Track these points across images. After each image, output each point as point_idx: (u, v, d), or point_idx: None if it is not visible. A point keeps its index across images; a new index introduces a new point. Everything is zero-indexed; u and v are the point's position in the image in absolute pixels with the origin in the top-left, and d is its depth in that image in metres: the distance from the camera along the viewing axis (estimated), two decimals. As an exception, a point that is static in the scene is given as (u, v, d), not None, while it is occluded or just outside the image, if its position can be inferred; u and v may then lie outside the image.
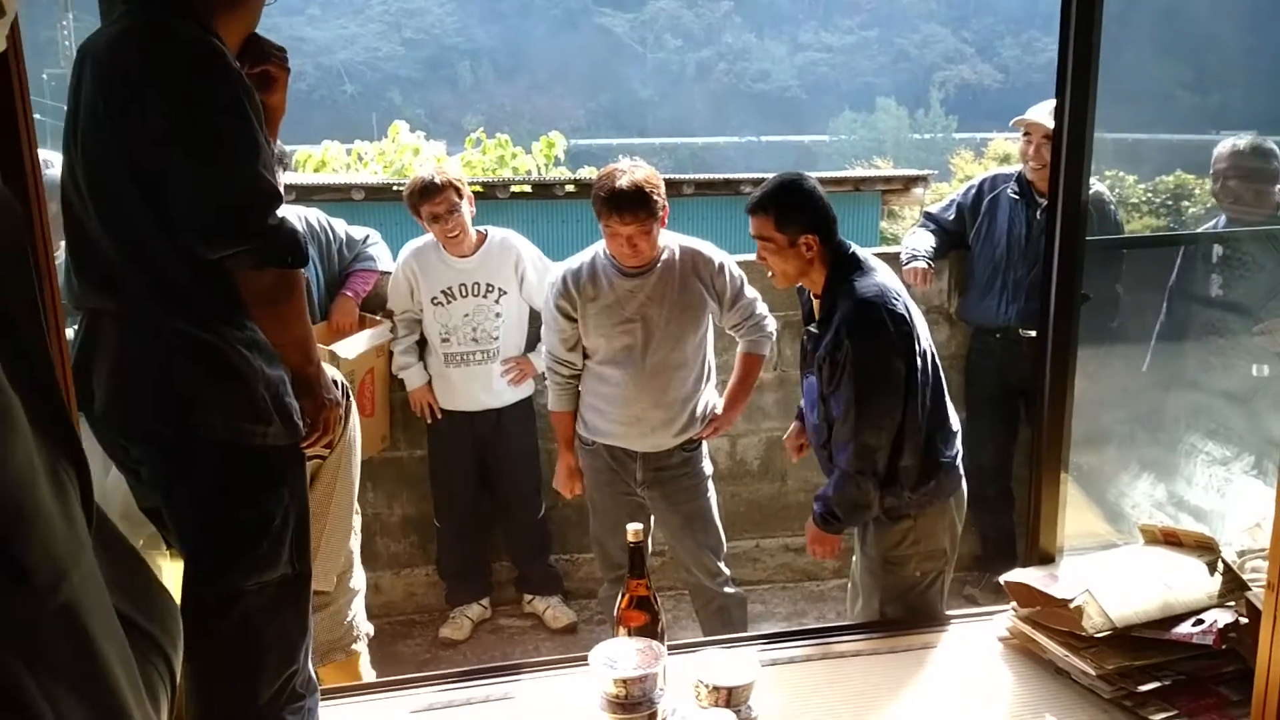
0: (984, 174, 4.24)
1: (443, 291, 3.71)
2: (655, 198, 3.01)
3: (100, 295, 1.90)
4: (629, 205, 2.96)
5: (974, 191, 4.12)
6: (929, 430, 2.66)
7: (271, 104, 2.14)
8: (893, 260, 4.06)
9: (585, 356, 3.23)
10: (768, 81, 67.72)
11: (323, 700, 2.28)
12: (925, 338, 2.72)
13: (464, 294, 3.72)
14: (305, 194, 8.03)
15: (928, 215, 4.27)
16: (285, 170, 3.50)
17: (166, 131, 1.77)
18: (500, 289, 3.74)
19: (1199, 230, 3.67)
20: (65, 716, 0.65)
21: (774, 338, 3.43)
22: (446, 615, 3.98)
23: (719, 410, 3.36)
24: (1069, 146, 2.55)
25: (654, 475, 3.28)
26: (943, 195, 6.09)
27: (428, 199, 3.57)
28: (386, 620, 4.05)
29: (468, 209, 3.64)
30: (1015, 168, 4.11)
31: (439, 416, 3.82)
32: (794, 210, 2.63)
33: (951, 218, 4.14)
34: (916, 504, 2.69)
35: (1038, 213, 3.82)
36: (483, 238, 3.76)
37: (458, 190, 3.61)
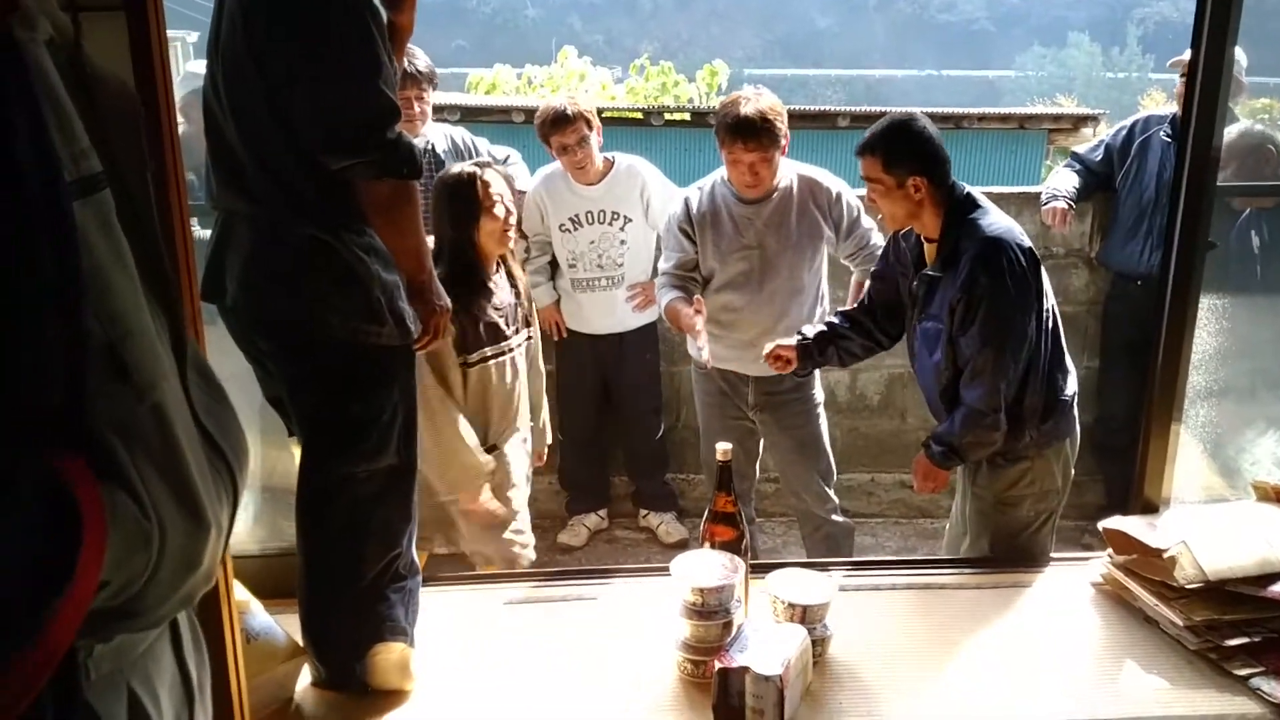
0: (1137, 115, 4.07)
1: (570, 219, 3.81)
2: (778, 126, 3.04)
3: (233, 197, 2.06)
4: (751, 133, 3.00)
5: (1124, 133, 3.96)
6: (1050, 369, 2.63)
7: (400, 23, 2.25)
8: (1034, 200, 3.97)
9: (702, 282, 3.29)
10: (953, 12, 65.02)
11: (426, 585, 2.47)
12: (1045, 276, 2.66)
13: (590, 221, 3.81)
14: (469, 115, 8.27)
15: (1074, 155, 4.13)
16: (434, 88, 3.65)
17: (293, 46, 1.89)
18: (626, 216, 3.82)
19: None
20: (150, 487, 0.86)
21: None
22: (566, 522, 4.16)
23: None
24: (1203, 85, 2.46)
25: (766, 399, 3.34)
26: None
27: (558, 129, 3.65)
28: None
29: (595, 140, 3.72)
30: (1171, 109, 3.93)
31: (564, 335, 3.96)
32: (902, 152, 2.59)
33: (1099, 159, 4.00)
34: (1037, 444, 2.65)
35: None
36: (610, 165, 3.82)
37: (588, 122, 3.68)
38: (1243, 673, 2.23)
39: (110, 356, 0.85)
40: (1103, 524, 2.63)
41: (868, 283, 2.95)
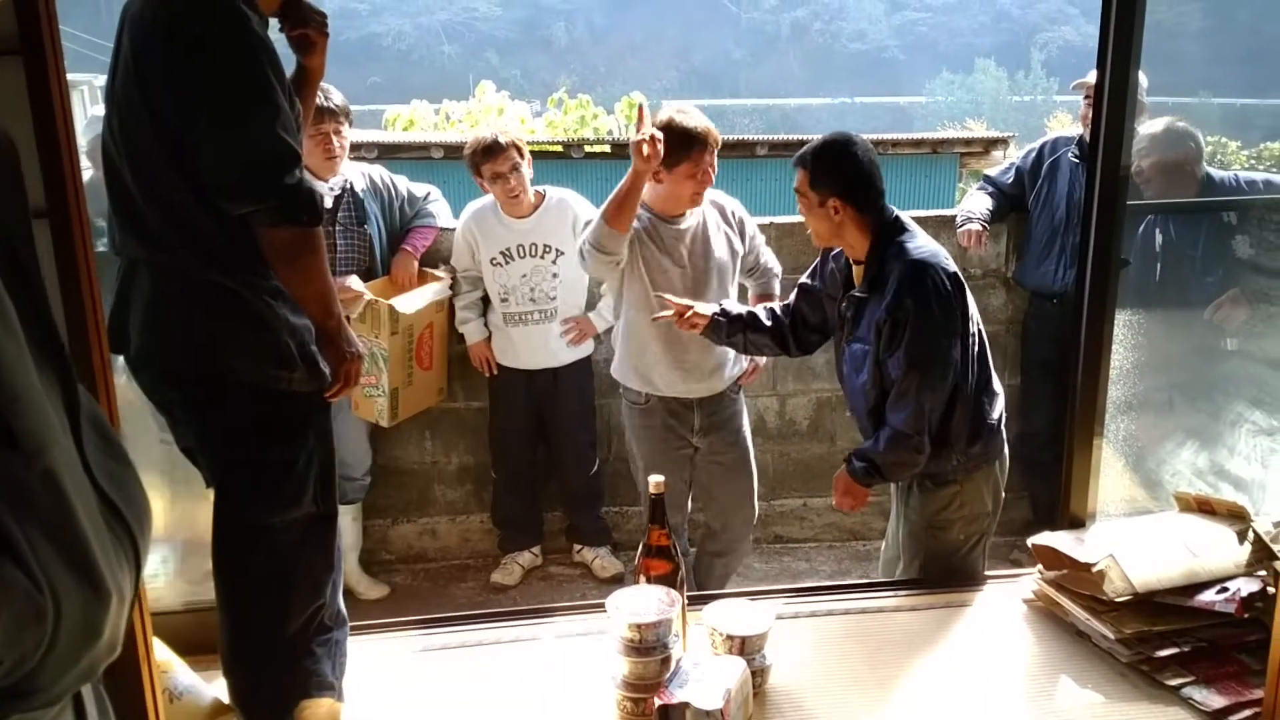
0: (1045, 137, 4.16)
1: (501, 252, 3.76)
2: None
3: (135, 244, 2.00)
4: (714, 138, 3.09)
5: (1034, 155, 4.05)
6: (977, 392, 2.65)
7: (310, 66, 2.23)
8: (950, 222, 4.04)
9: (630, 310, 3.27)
10: (864, 41, 66.46)
11: (352, 634, 2.41)
12: (970, 300, 2.70)
13: (521, 255, 3.77)
14: (388, 151, 8.19)
15: (986, 178, 4.22)
16: (349, 123, 3.60)
17: (189, 92, 1.85)
18: (557, 249, 3.78)
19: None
20: (41, 557, 0.81)
21: (780, 279, 3.48)
22: (499, 561, 4.10)
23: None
24: (1110, 107, 2.52)
25: (709, 421, 3.35)
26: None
27: (491, 158, 3.61)
28: (442, 564, 4.19)
29: (527, 170, 3.69)
30: (1077, 130, 4.03)
31: (495, 372, 3.91)
32: (827, 171, 2.62)
33: (1010, 181, 4.09)
34: (964, 468, 2.67)
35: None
36: (541, 198, 3.79)
37: (519, 150, 3.66)
38: (1174, 683, 2.26)
39: None
40: (1031, 540, 2.66)
41: (792, 294, 2.96)
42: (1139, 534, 2.55)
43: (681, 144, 3.03)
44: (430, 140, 8.90)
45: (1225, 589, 2.34)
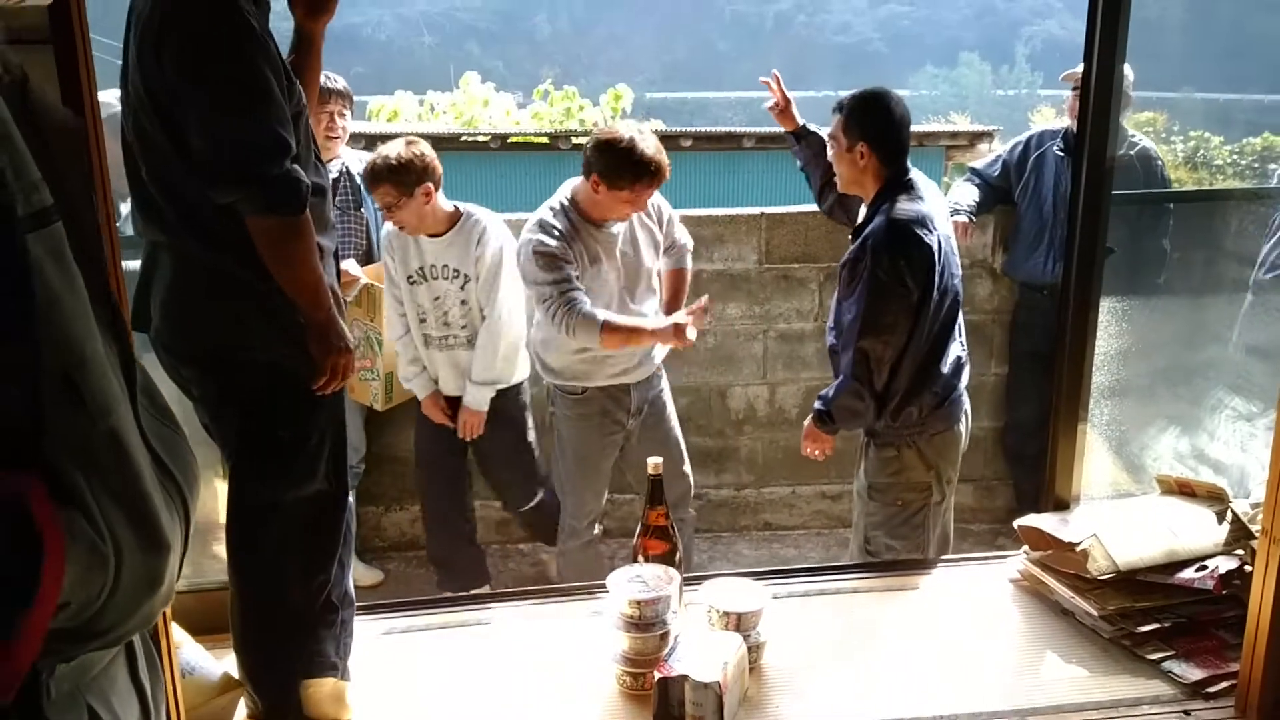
0: (1031, 131, 4.23)
1: (416, 271, 3.48)
2: None
3: (152, 228, 2.05)
4: (664, 174, 3.07)
5: (1020, 148, 4.12)
6: (926, 362, 2.78)
7: (315, 32, 2.25)
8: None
9: None
10: (848, 34, 66.62)
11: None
12: (953, 277, 2.81)
13: (433, 275, 3.48)
14: (374, 142, 8.20)
15: (973, 170, 4.29)
16: (350, 110, 3.63)
17: (182, 81, 1.89)
18: (465, 275, 3.46)
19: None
20: (105, 510, 0.88)
21: (691, 251, 3.50)
22: (490, 547, 4.13)
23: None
24: (1096, 99, 2.58)
25: (644, 402, 3.41)
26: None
27: (374, 188, 3.33)
28: (412, 554, 4.21)
29: (420, 197, 3.32)
30: (1062, 123, 4.10)
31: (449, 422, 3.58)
32: (860, 119, 2.78)
33: (997, 174, 4.16)
34: (895, 433, 2.82)
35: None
36: (457, 217, 3.47)
37: (399, 186, 3.28)
38: (1155, 657, 2.34)
39: (66, 384, 0.86)
40: (1017, 522, 2.74)
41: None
42: (1122, 515, 2.62)
43: (631, 171, 3.00)
44: (417, 131, 8.92)
45: (1204, 567, 2.42)
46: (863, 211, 2.88)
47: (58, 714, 0.90)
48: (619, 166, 3.01)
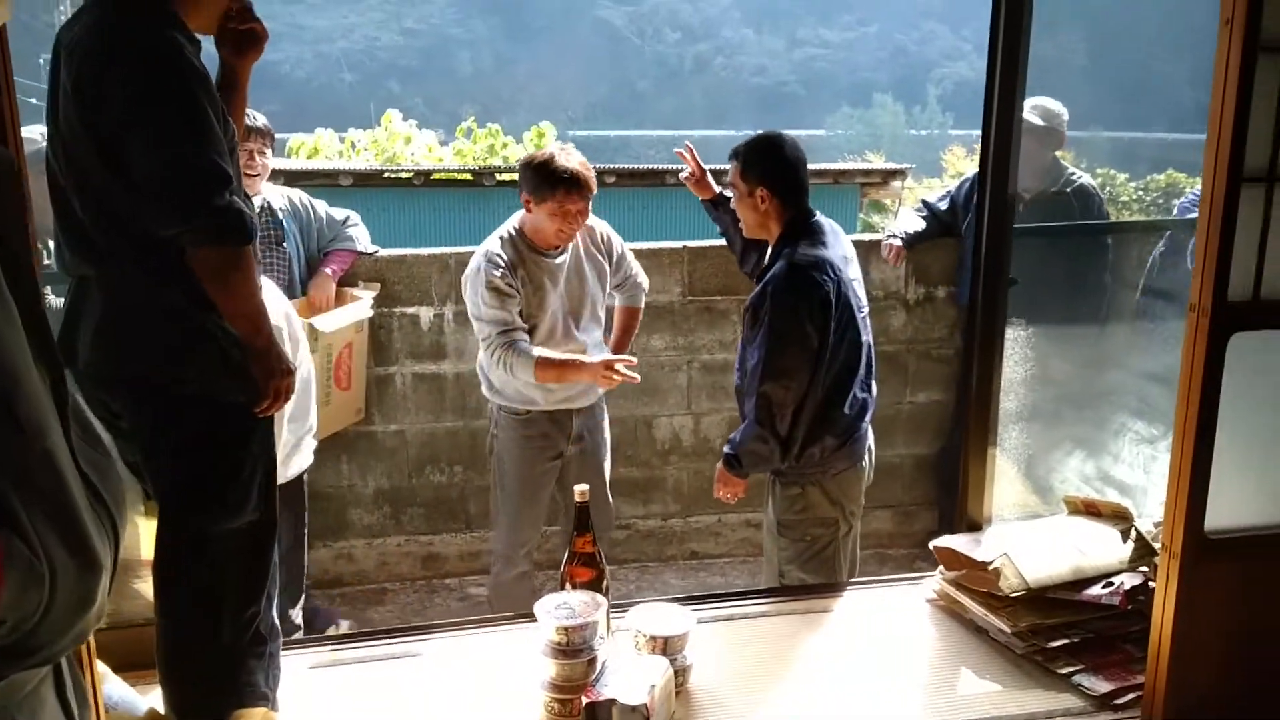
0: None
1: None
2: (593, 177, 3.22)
3: (82, 262, 2.05)
4: (583, 184, 3.13)
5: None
6: (828, 404, 2.81)
7: (243, 69, 2.26)
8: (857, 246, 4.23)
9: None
10: (765, 76, 67.81)
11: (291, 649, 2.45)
12: (855, 319, 2.84)
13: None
14: (295, 179, 8.15)
15: (924, 202, 4.38)
16: (271, 147, 3.64)
17: (123, 116, 1.91)
18: None
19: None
20: (40, 530, 0.89)
21: (646, 291, 3.60)
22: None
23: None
24: (997, 137, 2.71)
25: (586, 426, 3.46)
26: (931, 189, 6.15)
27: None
28: (359, 588, 4.21)
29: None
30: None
31: None
32: (756, 162, 2.84)
33: (944, 208, 4.25)
34: (799, 472, 2.87)
35: (1020, 207, 3.93)
36: None
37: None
38: (1065, 671, 2.43)
39: (3, 407, 0.88)
40: (933, 543, 2.83)
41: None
42: (1031, 535, 2.72)
43: (549, 182, 3.09)
44: (339, 168, 8.90)
45: (1110, 583, 2.53)
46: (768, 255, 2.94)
47: None
48: (542, 179, 3.10)
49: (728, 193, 3.26)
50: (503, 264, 3.16)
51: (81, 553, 0.94)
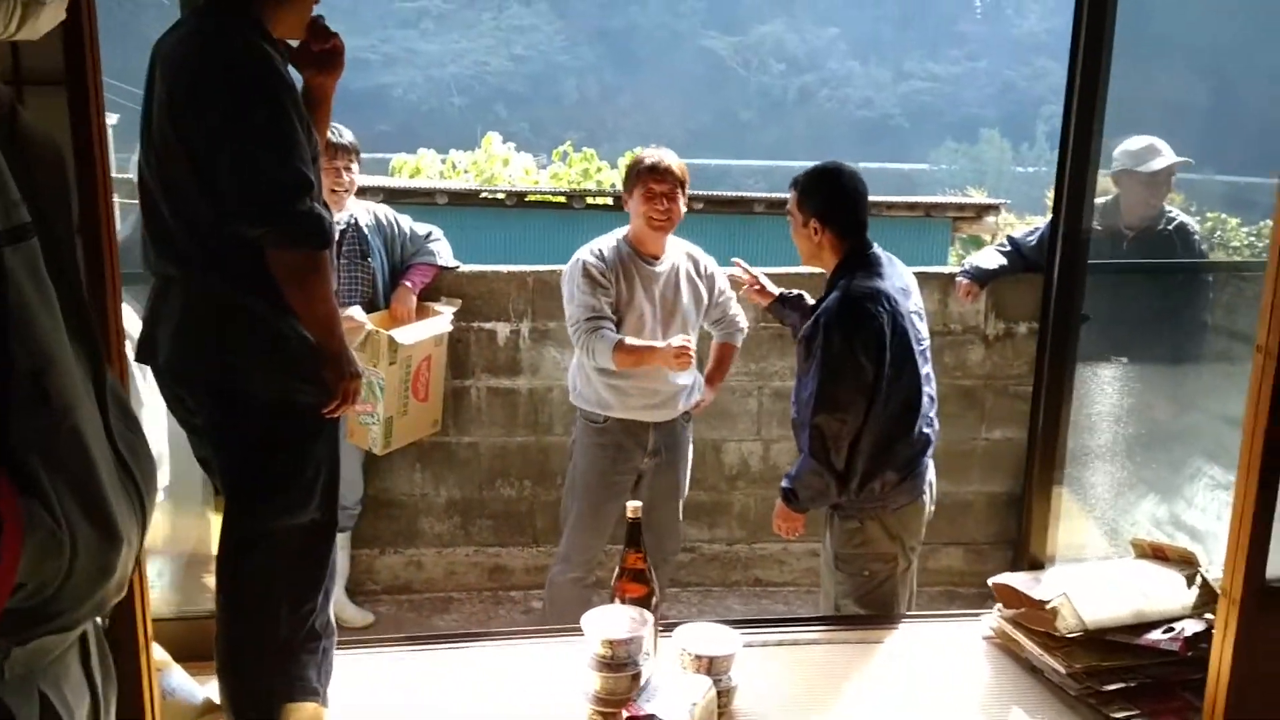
0: None
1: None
2: (682, 170, 3.37)
3: (166, 264, 2.16)
4: (663, 170, 3.30)
5: None
6: (888, 439, 2.78)
7: (326, 85, 2.36)
8: (937, 278, 4.21)
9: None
10: (870, 108, 67.34)
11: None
12: (914, 351, 2.80)
13: None
14: (393, 197, 8.40)
15: (1010, 238, 4.31)
16: (358, 164, 3.77)
17: (214, 124, 2.02)
18: None
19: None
20: (64, 501, 0.95)
21: (745, 333, 3.69)
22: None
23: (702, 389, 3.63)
24: (1072, 170, 2.69)
25: (665, 443, 3.52)
26: (1029, 225, 6.00)
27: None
28: (427, 596, 4.29)
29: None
30: (1101, 199, 4.11)
31: None
32: (812, 194, 2.84)
33: (1032, 243, 4.16)
34: (858, 506, 2.83)
35: (1123, 244, 3.88)
36: None
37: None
38: (1120, 715, 2.37)
39: (33, 383, 0.95)
40: (992, 580, 2.78)
41: None
42: (1093, 576, 2.67)
43: (635, 171, 3.33)
44: (435, 187, 9.12)
45: (1171, 629, 2.46)
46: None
47: (10, 695, 0.97)
48: (631, 171, 3.36)
49: (793, 291, 3.29)
50: (602, 258, 3.35)
51: (104, 525, 1.00)
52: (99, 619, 1.15)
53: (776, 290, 3.32)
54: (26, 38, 1.06)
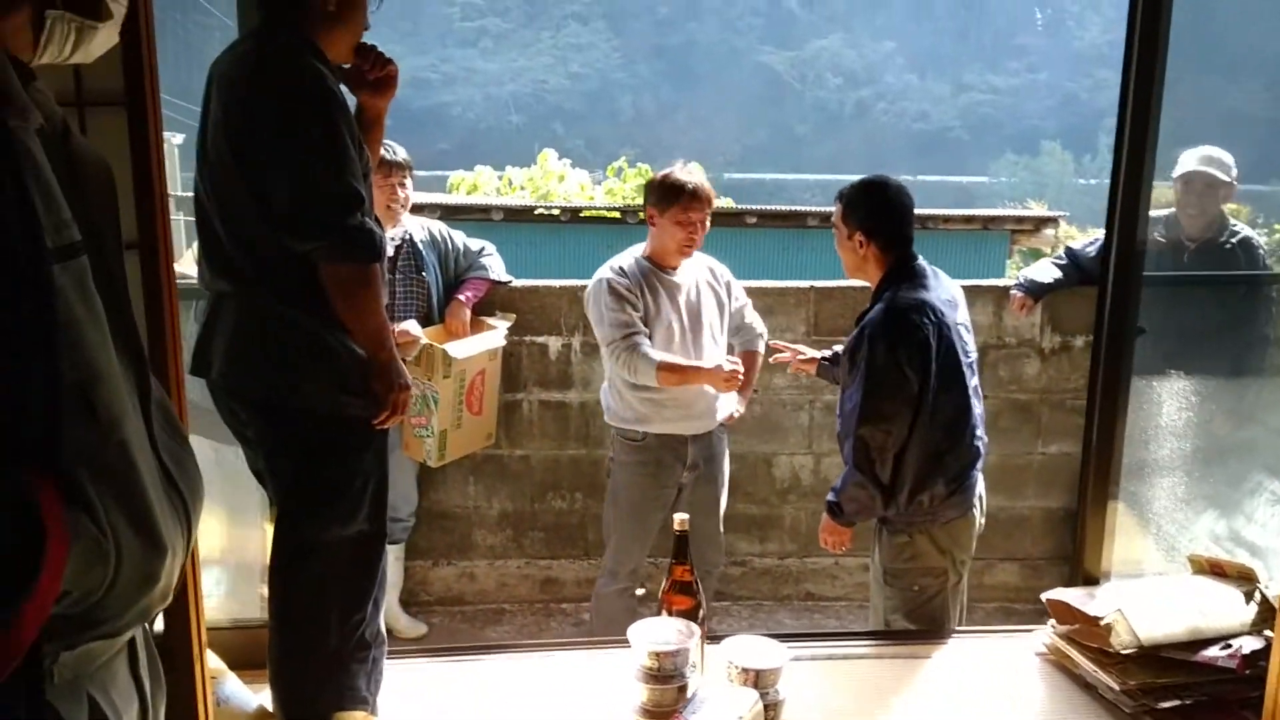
0: None
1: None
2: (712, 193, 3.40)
3: (220, 279, 2.21)
4: (701, 196, 3.31)
5: None
6: (936, 451, 2.75)
7: (380, 107, 2.42)
8: (991, 291, 4.17)
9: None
10: (928, 121, 66.80)
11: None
12: (962, 364, 2.78)
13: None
14: (450, 213, 8.51)
15: (1067, 250, 4.26)
16: (412, 180, 3.83)
17: (268, 141, 2.07)
18: None
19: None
20: (109, 511, 0.98)
21: (765, 338, 3.68)
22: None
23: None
24: (1126, 182, 2.65)
25: (703, 456, 3.52)
26: (1091, 236, 5.91)
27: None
28: (479, 607, 4.32)
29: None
30: (1164, 211, 4.06)
31: None
32: (859, 208, 2.83)
33: (1091, 254, 4.10)
34: (907, 520, 2.80)
35: (1184, 256, 3.82)
36: None
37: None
38: (1175, 734, 2.33)
39: (81, 397, 0.98)
40: (1045, 595, 2.75)
41: None
42: (1149, 592, 2.62)
43: (671, 194, 3.29)
44: (491, 203, 9.22)
45: (1228, 646, 2.41)
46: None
47: (60, 699, 1.00)
48: (665, 191, 3.31)
49: (834, 348, 3.29)
50: (624, 274, 3.37)
51: (149, 535, 1.03)
52: (147, 625, 1.18)
53: (818, 354, 3.34)
54: (80, 61, 1.10)
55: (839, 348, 3.18)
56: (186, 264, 2.42)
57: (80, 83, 1.78)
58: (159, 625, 2.04)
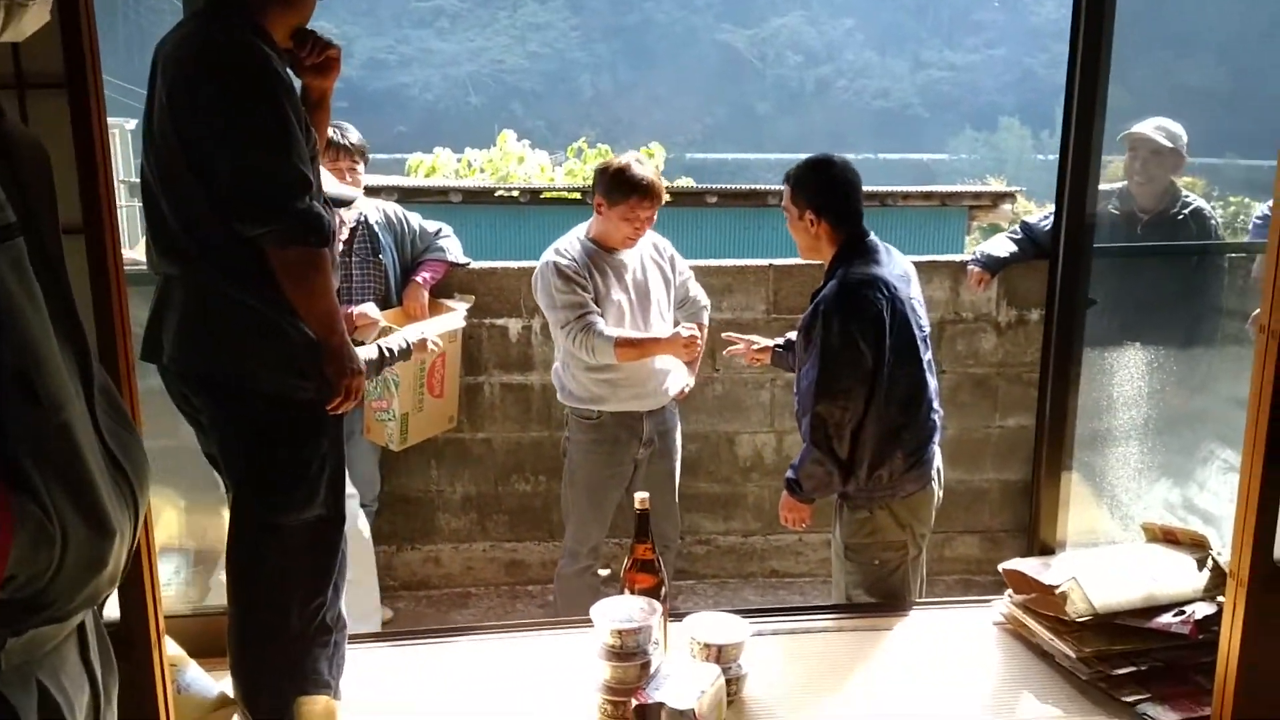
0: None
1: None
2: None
3: (168, 262, 2.19)
4: (655, 194, 3.31)
5: None
6: (895, 426, 2.77)
7: (325, 89, 2.40)
8: (955, 268, 4.19)
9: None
10: (888, 99, 66.98)
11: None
12: (916, 339, 2.80)
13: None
14: (408, 195, 8.45)
15: (1023, 224, 4.28)
16: (365, 161, 3.79)
17: (213, 123, 2.05)
18: None
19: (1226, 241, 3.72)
20: (54, 496, 0.97)
21: (709, 310, 3.71)
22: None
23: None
24: (1075, 156, 2.68)
25: (657, 430, 3.56)
26: (1047, 211, 5.97)
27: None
28: (445, 591, 4.32)
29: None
30: (1116, 185, 4.11)
31: None
32: (807, 187, 2.84)
33: (1046, 229, 4.13)
34: (866, 495, 2.83)
35: (1138, 228, 3.86)
36: None
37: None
38: (1131, 699, 2.37)
39: (22, 382, 0.97)
40: (1002, 565, 2.78)
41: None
42: (1104, 560, 2.67)
43: (625, 188, 3.27)
44: (449, 185, 9.15)
45: (1182, 612, 2.46)
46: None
47: (8, 685, 0.99)
48: (617, 184, 3.28)
49: (788, 336, 3.27)
50: (569, 257, 3.37)
51: (94, 518, 1.02)
52: (97, 610, 1.17)
53: (770, 342, 3.33)
54: (11, 39, 1.08)
55: (792, 335, 3.18)
56: (141, 250, 2.39)
57: (19, 65, 1.75)
58: (115, 613, 2.02)
